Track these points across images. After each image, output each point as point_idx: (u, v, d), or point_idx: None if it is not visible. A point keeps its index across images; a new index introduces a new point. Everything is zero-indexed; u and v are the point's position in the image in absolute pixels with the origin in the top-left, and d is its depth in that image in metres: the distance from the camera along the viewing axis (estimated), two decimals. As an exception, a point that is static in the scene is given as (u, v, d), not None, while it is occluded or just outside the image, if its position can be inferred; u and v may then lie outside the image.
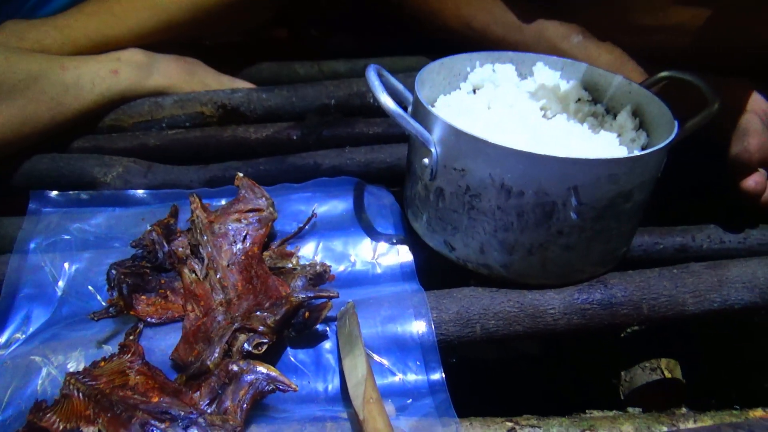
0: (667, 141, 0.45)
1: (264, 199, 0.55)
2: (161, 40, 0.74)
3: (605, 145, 0.52)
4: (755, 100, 0.54)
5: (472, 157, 0.45)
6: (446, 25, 0.78)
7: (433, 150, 0.47)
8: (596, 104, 0.58)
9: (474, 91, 0.59)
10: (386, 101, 0.46)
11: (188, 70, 0.75)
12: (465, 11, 0.77)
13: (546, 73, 0.59)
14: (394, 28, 0.90)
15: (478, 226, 0.47)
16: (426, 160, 0.48)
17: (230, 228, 0.53)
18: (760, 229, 0.56)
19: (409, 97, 0.53)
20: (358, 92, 0.75)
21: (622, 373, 0.59)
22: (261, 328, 0.42)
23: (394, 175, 0.65)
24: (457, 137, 0.45)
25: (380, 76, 0.50)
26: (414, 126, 0.46)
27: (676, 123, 0.48)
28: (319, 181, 0.61)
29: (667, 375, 0.57)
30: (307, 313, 0.45)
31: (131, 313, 0.48)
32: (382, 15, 0.89)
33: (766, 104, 0.54)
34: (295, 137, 0.71)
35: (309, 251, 0.55)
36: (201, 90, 0.75)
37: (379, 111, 0.51)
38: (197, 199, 0.55)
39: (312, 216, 0.57)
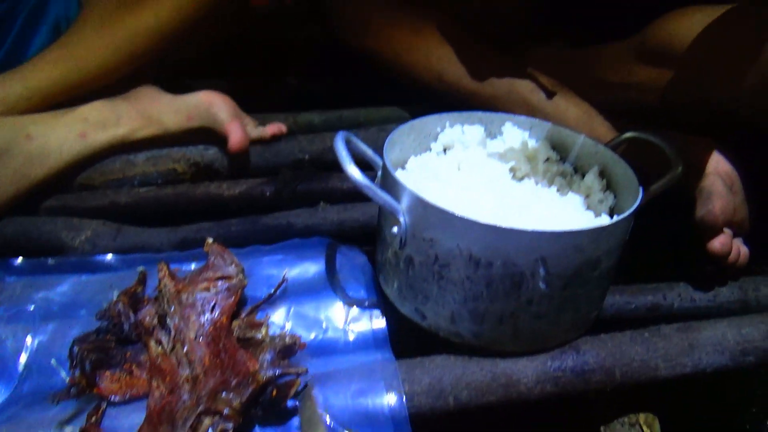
0: (630, 210, 0.46)
1: (233, 265, 0.54)
2: (126, 73, 0.73)
3: (573, 207, 0.52)
4: (718, 161, 0.55)
5: (440, 228, 0.45)
6: (419, 77, 0.79)
7: (401, 219, 0.47)
8: (564, 163, 0.59)
9: (445, 151, 0.59)
10: (353, 173, 0.46)
11: (144, 112, 0.73)
12: (436, 65, 0.78)
13: (514, 133, 0.59)
14: (370, 76, 0.91)
15: (448, 296, 0.47)
16: (395, 229, 0.47)
17: (198, 297, 0.52)
18: (728, 287, 0.57)
19: (380, 162, 0.53)
20: (332, 147, 0.75)
21: (602, 428, 0.58)
22: (226, 410, 0.41)
23: (368, 233, 0.64)
24: (424, 208, 0.45)
25: (349, 143, 0.50)
26: (382, 197, 0.46)
27: (640, 189, 0.49)
28: (291, 243, 0.61)
29: (646, 430, 0.57)
30: (275, 391, 0.44)
31: (95, 391, 0.46)
32: (357, 64, 0.90)
33: (728, 165, 0.55)
34: (268, 193, 0.70)
35: (280, 317, 0.54)
36: (157, 131, 0.73)
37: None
38: (165, 267, 0.54)
39: (282, 281, 0.56)
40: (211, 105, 0.73)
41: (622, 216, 0.45)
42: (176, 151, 0.73)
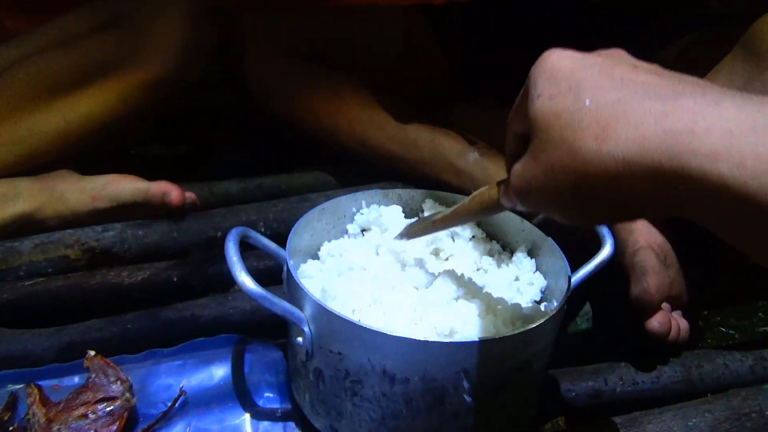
0: (558, 305, 0.41)
1: (119, 383, 0.47)
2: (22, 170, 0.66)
3: (503, 294, 0.47)
4: (650, 233, 0.52)
5: (348, 340, 0.39)
6: (342, 143, 0.75)
7: (305, 330, 0.41)
8: (492, 241, 0.54)
9: (363, 232, 0.54)
10: (245, 282, 0.40)
11: (49, 188, 0.66)
12: (358, 128, 0.74)
13: (436, 209, 0.55)
14: (291, 141, 0.86)
15: (364, 414, 0.41)
16: (300, 339, 0.41)
17: (73, 428, 0.44)
18: (671, 366, 0.53)
19: (284, 256, 0.47)
20: (248, 221, 0.69)
21: None
22: None
23: (284, 322, 0.58)
24: (329, 318, 0.39)
25: (247, 240, 0.44)
26: (281, 306, 0.40)
27: (569, 278, 0.44)
28: (194, 344, 0.54)
29: None
30: None
31: None
32: (275, 129, 0.85)
33: (660, 236, 0.52)
34: (175, 278, 0.63)
35: (177, 440, 0.47)
36: (60, 207, 0.66)
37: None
38: (35, 391, 0.46)
39: (179, 395, 0.49)
40: (117, 183, 0.66)
41: (548, 315, 0.40)
42: (69, 235, 0.64)
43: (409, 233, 0.47)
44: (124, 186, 0.66)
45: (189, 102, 0.86)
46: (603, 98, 0.25)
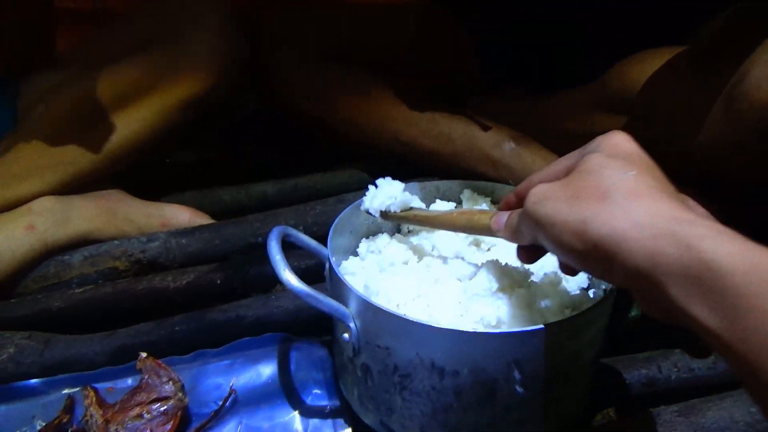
0: (605, 293, 0.40)
1: (171, 383, 0.48)
2: (70, 189, 0.68)
3: (548, 280, 0.46)
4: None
5: (395, 335, 0.39)
6: (375, 141, 0.75)
7: (351, 326, 0.41)
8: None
9: (399, 229, 0.54)
10: (289, 280, 0.40)
11: (109, 208, 0.69)
12: (391, 126, 0.74)
13: (476, 199, 0.54)
14: (323, 141, 0.86)
15: (415, 408, 0.41)
16: (346, 336, 0.41)
17: (129, 428, 0.45)
18: (728, 352, 0.51)
19: (326, 253, 0.47)
20: (287, 225, 0.69)
21: None
22: None
23: (329, 319, 0.58)
24: (374, 313, 0.39)
25: (287, 239, 0.45)
26: (326, 304, 0.40)
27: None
28: (240, 343, 0.54)
29: None
30: None
31: None
32: (303, 129, 0.85)
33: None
34: (218, 281, 0.64)
35: (229, 438, 0.48)
36: (126, 229, 0.69)
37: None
38: (92, 394, 0.47)
39: (230, 394, 0.49)
40: (182, 214, 0.71)
41: (596, 301, 0.39)
42: (116, 246, 0.66)
43: (385, 215, 0.48)
44: (193, 220, 0.71)
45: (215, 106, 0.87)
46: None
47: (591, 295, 0.46)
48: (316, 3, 0.83)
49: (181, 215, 0.71)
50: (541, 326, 0.38)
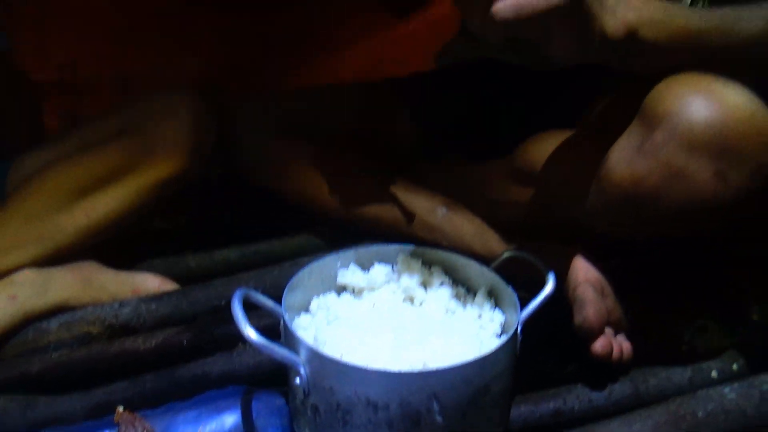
0: (509, 334, 0.50)
1: (145, 432, 0.54)
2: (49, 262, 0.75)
3: (468, 329, 0.56)
4: (587, 269, 0.62)
5: (338, 377, 0.47)
6: (323, 210, 0.84)
7: (302, 371, 0.49)
8: (457, 286, 0.64)
9: (345, 289, 0.63)
10: (250, 334, 0.48)
11: (84, 278, 0.76)
12: (339, 197, 0.84)
13: (409, 262, 0.64)
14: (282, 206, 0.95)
15: (356, 439, 0.49)
16: (298, 380, 0.50)
17: (110, 474, 0.51)
18: (621, 383, 0.61)
19: (281, 311, 0.56)
20: (249, 288, 0.77)
21: None
22: None
23: (285, 371, 0.66)
24: (320, 360, 0.48)
25: (248, 299, 0.53)
26: (279, 353, 0.49)
27: (519, 310, 0.54)
28: (207, 396, 0.61)
29: None
30: None
31: None
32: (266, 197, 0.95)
33: (596, 272, 0.62)
34: (185, 342, 0.71)
35: (197, 480, 0.54)
36: (101, 296, 0.75)
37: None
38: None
39: (198, 441, 0.56)
40: (153, 282, 0.78)
41: (500, 343, 0.49)
42: (91, 313, 0.73)
43: None
44: (162, 286, 0.78)
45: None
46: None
47: (500, 340, 0.56)
48: (274, 86, 0.95)
49: (150, 282, 0.79)
50: (455, 365, 0.47)
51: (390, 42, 1.92)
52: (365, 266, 0.64)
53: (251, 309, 0.57)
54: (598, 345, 0.58)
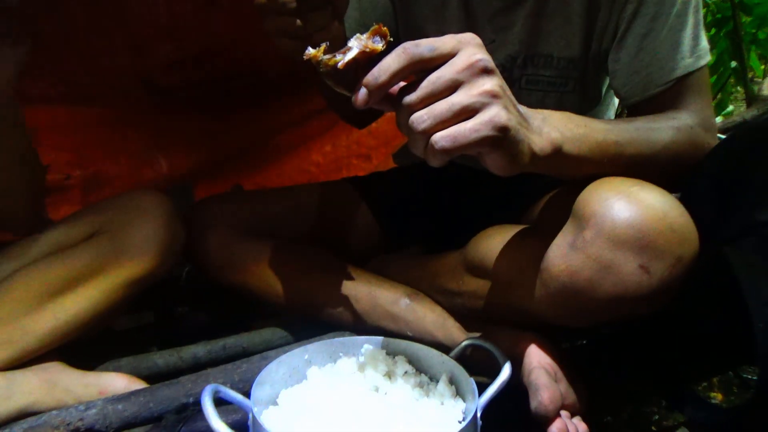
0: (467, 422, 0.53)
1: None
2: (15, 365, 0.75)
3: (431, 417, 0.59)
4: (540, 355, 0.66)
5: (305, 470, 0.49)
6: (291, 306, 0.88)
7: (270, 466, 0.51)
8: (420, 375, 0.67)
9: (313, 380, 0.65)
10: (221, 428, 0.50)
11: (49, 380, 0.76)
12: (304, 290, 0.87)
13: (373, 354, 0.67)
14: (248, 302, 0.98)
15: None
16: (265, 475, 0.51)
17: None
18: (579, 464, 0.64)
19: (249, 406, 0.58)
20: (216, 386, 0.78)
21: None
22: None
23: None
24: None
25: (217, 395, 0.55)
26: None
27: (476, 397, 0.57)
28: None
29: None
30: None
31: None
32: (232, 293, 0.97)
33: (548, 358, 0.66)
34: (152, 442, 0.71)
35: None
36: (66, 399, 0.75)
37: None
38: None
39: None
40: (120, 382, 0.78)
41: (460, 429, 0.52)
42: (55, 417, 0.72)
43: None
44: (129, 386, 0.78)
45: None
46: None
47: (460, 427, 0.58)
48: (238, 191, 1.00)
49: (117, 382, 0.79)
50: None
51: (354, 140, 2.03)
52: (332, 358, 0.67)
53: (220, 404, 0.59)
54: (554, 428, 0.61)
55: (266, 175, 1.86)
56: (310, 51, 0.53)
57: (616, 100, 0.98)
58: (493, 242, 0.72)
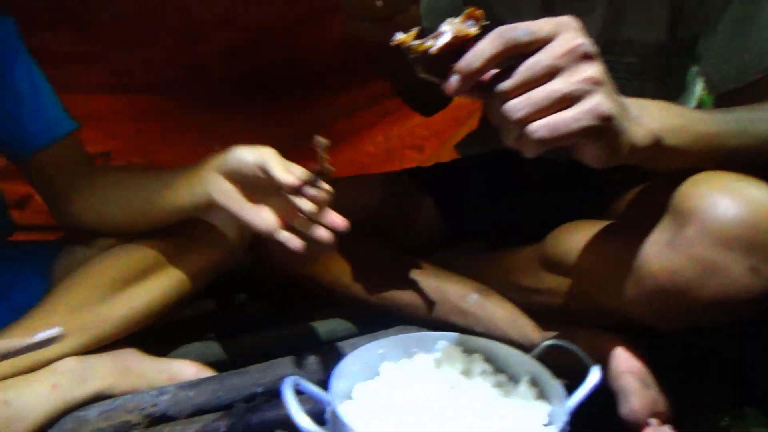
0: (559, 426, 0.51)
1: None
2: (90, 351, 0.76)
3: (512, 420, 0.56)
4: (627, 359, 0.63)
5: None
6: (358, 298, 0.86)
7: (352, 461, 0.49)
8: (498, 374, 0.64)
9: (387, 375, 0.64)
10: (302, 422, 0.49)
11: (124, 366, 0.77)
12: (371, 286, 0.86)
13: (450, 351, 0.65)
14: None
15: None
16: (348, 470, 0.50)
17: None
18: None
19: (328, 399, 0.57)
20: (284, 375, 0.78)
21: None
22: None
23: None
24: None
25: (297, 387, 0.54)
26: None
27: (566, 400, 0.54)
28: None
29: None
30: None
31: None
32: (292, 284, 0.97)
33: (637, 362, 0.63)
34: (222, 429, 0.71)
35: None
36: (139, 384, 0.76)
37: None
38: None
39: None
40: (190, 369, 0.79)
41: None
42: (129, 401, 0.73)
43: None
44: (199, 373, 0.79)
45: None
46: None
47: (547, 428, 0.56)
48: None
49: (187, 369, 0.79)
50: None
51: (407, 130, 2.01)
52: (406, 354, 0.65)
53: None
54: (643, 436, 0.58)
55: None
56: (399, 36, 0.51)
57: (697, 92, 0.93)
58: (576, 238, 0.69)
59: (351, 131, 1.92)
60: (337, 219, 0.66)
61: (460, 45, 0.50)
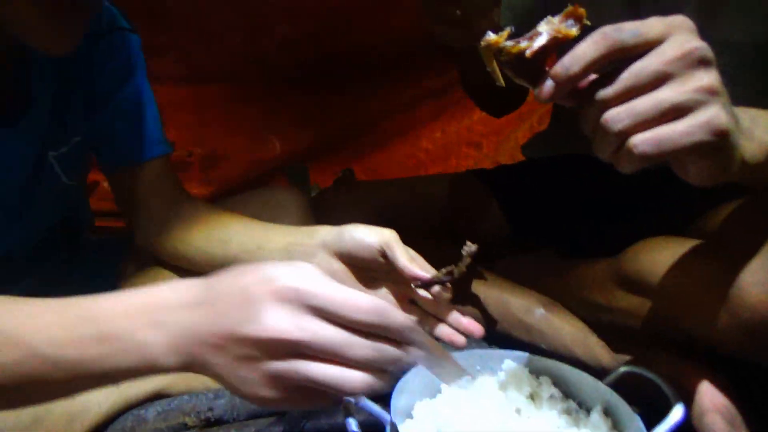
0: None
1: None
2: None
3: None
4: (713, 394, 0.57)
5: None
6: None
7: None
8: (567, 400, 0.60)
9: (449, 393, 0.61)
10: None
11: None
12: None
13: (516, 372, 0.61)
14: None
15: None
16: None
17: None
18: None
19: (386, 417, 0.54)
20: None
21: None
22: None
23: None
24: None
25: (357, 403, 0.52)
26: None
27: (646, 438, 0.50)
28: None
29: None
30: None
31: None
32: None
33: (724, 399, 0.57)
34: (277, 434, 0.70)
35: None
36: (195, 385, 0.75)
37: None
38: None
39: None
40: None
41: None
42: (186, 403, 0.73)
43: None
44: None
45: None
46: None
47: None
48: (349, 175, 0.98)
49: None
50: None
51: (465, 126, 1.96)
52: (469, 372, 0.61)
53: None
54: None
55: (376, 160, 1.84)
56: (491, 37, 0.47)
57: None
58: (660, 257, 0.64)
59: (409, 126, 1.89)
60: (474, 327, 0.64)
61: (556, 46, 0.46)
